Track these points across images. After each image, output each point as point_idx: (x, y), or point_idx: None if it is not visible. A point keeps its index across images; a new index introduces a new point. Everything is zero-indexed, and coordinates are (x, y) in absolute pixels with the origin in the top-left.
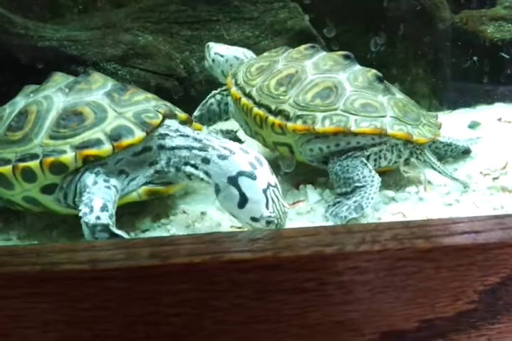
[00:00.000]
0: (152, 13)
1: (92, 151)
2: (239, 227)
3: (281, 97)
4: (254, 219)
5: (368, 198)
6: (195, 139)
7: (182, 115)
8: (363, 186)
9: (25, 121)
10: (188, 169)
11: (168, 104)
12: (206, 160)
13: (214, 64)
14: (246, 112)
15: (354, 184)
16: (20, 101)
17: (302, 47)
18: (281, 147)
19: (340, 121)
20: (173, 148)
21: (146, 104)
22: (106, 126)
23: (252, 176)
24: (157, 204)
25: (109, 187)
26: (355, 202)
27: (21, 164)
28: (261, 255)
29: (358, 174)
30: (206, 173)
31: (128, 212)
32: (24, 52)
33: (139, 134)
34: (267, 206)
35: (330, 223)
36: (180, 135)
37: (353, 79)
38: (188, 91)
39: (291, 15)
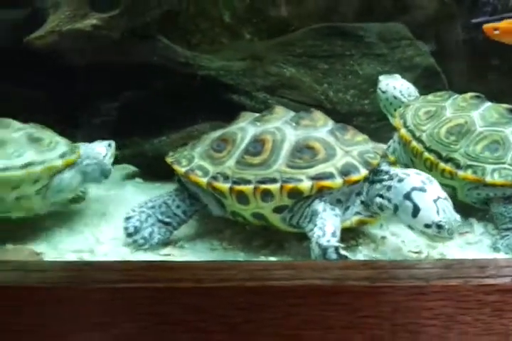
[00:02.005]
0: (292, 47)
1: (327, 183)
2: (416, 252)
3: (451, 146)
4: (427, 226)
5: None
6: (387, 173)
7: (392, 157)
8: None
9: (263, 149)
10: (378, 200)
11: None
12: (389, 188)
13: (378, 97)
14: (415, 154)
15: None
16: (248, 128)
17: (468, 95)
18: (445, 188)
19: (508, 175)
20: (371, 182)
21: (365, 145)
22: (337, 162)
23: (422, 189)
24: None
25: (336, 215)
26: None
27: (262, 186)
28: (501, 281)
29: None
30: (388, 199)
31: None
32: (187, 80)
33: (363, 172)
34: (437, 213)
35: (501, 253)
36: (383, 171)
37: None
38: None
39: (417, 52)
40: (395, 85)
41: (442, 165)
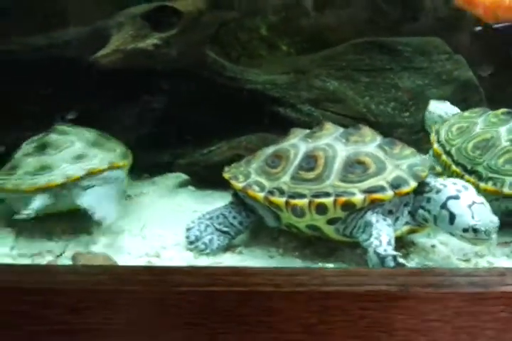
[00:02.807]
0: (334, 61)
1: (378, 196)
2: (464, 260)
3: (476, 159)
4: (464, 231)
5: None
6: (428, 185)
7: (438, 168)
8: None
9: (316, 164)
10: (420, 212)
11: (427, 158)
12: (429, 199)
13: (426, 118)
14: (444, 167)
15: None
16: (300, 144)
17: (499, 111)
18: None
19: None
20: (416, 194)
21: (413, 158)
22: (387, 176)
23: (457, 197)
24: None
25: (389, 225)
26: None
27: (316, 200)
28: None
29: None
30: (428, 211)
31: None
32: (236, 94)
33: (413, 184)
34: (472, 217)
35: None
36: (425, 183)
37: None
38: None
39: (456, 66)
40: (446, 105)
41: (467, 177)
